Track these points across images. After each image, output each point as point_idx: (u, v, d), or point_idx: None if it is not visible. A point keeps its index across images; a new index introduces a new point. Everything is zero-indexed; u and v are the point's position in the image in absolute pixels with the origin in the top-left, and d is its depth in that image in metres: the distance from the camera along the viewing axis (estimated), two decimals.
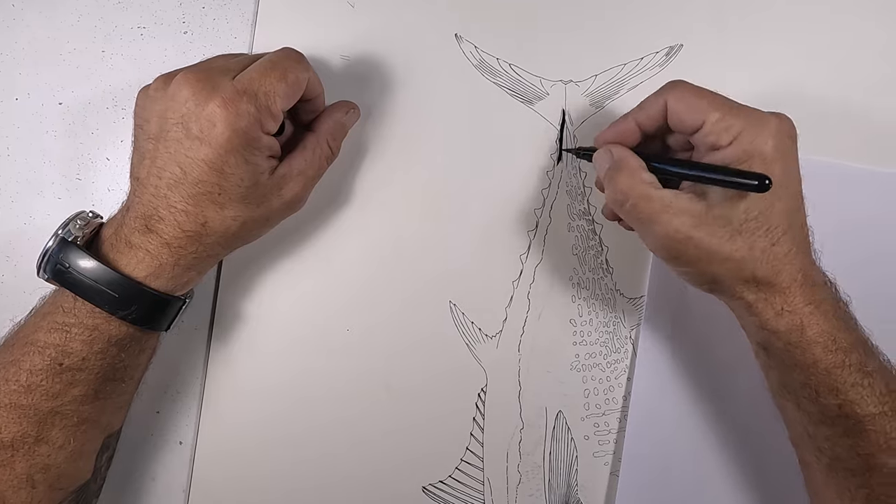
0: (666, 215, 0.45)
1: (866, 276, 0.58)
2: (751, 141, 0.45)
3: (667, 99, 0.48)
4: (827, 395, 0.46)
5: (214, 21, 0.58)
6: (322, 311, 0.57)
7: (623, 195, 0.47)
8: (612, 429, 0.59)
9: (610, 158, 0.49)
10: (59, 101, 0.57)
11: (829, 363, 0.46)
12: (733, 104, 0.46)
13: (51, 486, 0.45)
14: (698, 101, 0.46)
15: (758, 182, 0.42)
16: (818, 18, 0.59)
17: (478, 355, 0.58)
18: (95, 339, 0.45)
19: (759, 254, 0.45)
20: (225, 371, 0.57)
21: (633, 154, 0.49)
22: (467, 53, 0.58)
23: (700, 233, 0.45)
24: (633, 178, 0.47)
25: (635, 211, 0.46)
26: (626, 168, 0.48)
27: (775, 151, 0.45)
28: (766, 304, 0.46)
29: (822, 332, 0.46)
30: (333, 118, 0.53)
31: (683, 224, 0.45)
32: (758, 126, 0.45)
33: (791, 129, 0.47)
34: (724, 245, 0.45)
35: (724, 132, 0.45)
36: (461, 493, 0.58)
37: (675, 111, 0.47)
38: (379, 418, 0.57)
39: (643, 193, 0.46)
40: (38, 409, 0.44)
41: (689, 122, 0.47)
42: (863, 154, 0.59)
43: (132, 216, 0.46)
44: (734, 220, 0.45)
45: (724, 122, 0.45)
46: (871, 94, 0.59)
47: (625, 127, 0.50)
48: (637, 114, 0.49)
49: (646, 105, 0.49)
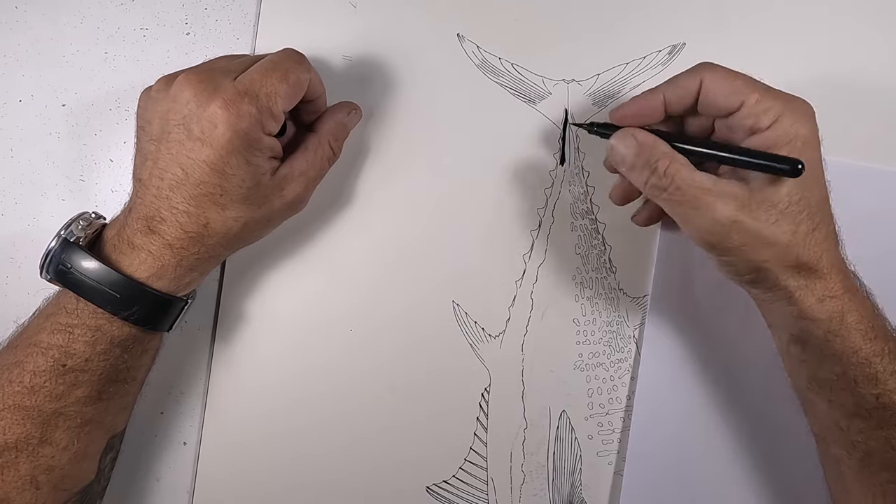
0: (710, 198, 0.44)
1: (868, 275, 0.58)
2: (791, 124, 0.44)
3: (703, 78, 0.46)
4: (865, 385, 0.45)
5: (217, 22, 0.58)
6: (325, 311, 0.57)
7: (667, 180, 0.45)
8: (615, 428, 0.58)
9: (634, 143, 0.46)
10: (63, 102, 0.57)
11: (869, 351, 0.45)
12: (768, 87, 0.45)
13: (55, 488, 0.45)
14: (735, 82, 0.45)
15: (790, 167, 0.42)
16: (818, 18, 0.59)
17: (481, 355, 0.58)
18: (98, 339, 0.45)
19: (801, 238, 0.44)
20: (228, 371, 0.57)
21: (659, 138, 0.46)
22: (469, 53, 0.58)
23: (745, 216, 0.44)
24: (674, 161, 0.45)
25: (679, 194, 0.45)
26: (662, 152, 0.45)
27: (812, 136, 0.45)
28: (807, 291, 0.45)
29: (861, 319, 0.45)
30: (335, 119, 0.53)
31: (728, 208, 0.44)
32: (796, 110, 0.44)
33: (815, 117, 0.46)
34: (770, 228, 0.44)
35: (764, 114, 0.44)
36: (465, 492, 0.58)
37: (712, 91, 0.46)
38: (382, 418, 0.57)
39: (686, 177, 0.44)
40: (41, 410, 0.44)
41: (726, 104, 0.46)
42: (864, 152, 0.59)
43: (134, 217, 0.46)
44: (779, 203, 0.44)
45: (763, 103, 0.44)
46: (872, 92, 0.59)
47: (651, 103, 0.48)
48: (667, 89, 0.48)
49: (678, 82, 0.47)
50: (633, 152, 0.46)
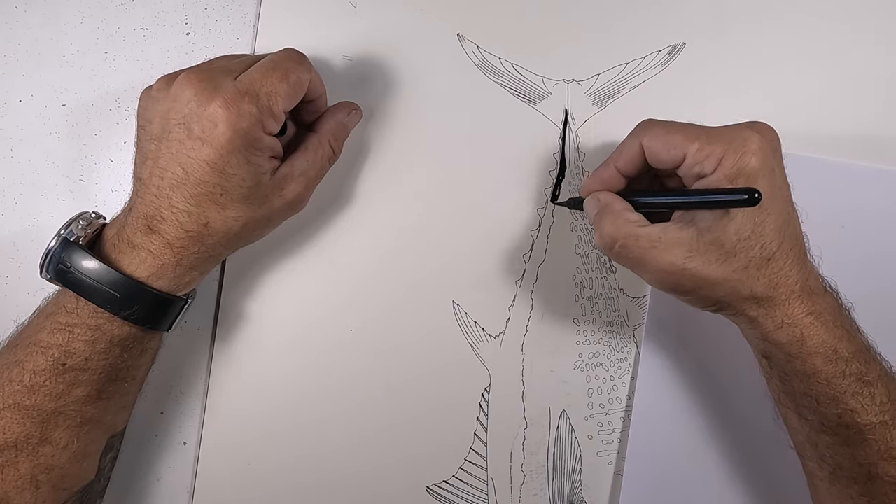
0: (655, 251, 0.45)
1: (870, 274, 0.58)
2: (734, 163, 0.44)
3: (641, 141, 0.48)
4: (827, 405, 0.46)
5: (217, 22, 0.58)
6: (325, 311, 0.57)
7: (611, 238, 0.47)
8: (615, 428, 0.58)
9: (597, 204, 0.49)
10: (63, 102, 0.57)
11: (830, 373, 0.45)
12: (709, 130, 0.46)
13: (54, 487, 0.45)
14: (673, 136, 0.46)
15: (747, 196, 0.42)
16: (818, 17, 0.59)
17: (481, 355, 0.58)
18: (98, 339, 0.45)
19: (754, 272, 0.45)
20: (228, 371, 0.57)
21: (618, 197, 0.49)
22: (469, 53, 0.58)
23: (694, 263, 0.45)
24: (617, 219, 0.47)
25: (625, 252, 0.46)
26: (610, 211, 0.48)
27: (760, 167, 0.44)
28: (766, 318, 0.46)
29: (821, 343, 0.46)
30: (335, 119, 0.53)
31: (676, 257, 0.45)
32: (739, 146, 0.45)
33: (773, 140, 0.47)
34: (719, 269, 0.45)
35: (707, 159, 0.45)
36: (465, 492, 0.58)
37: (653, 151, 0.47)
38: (382, 418, 0.57)
39: (630, 233, 0.46)
40: (41, 409, 0.44)
41: (670, 159, 0.47)
42: (865, 152, 0.59)
43: (134, 216, 0.46)
44: (726, 242, 0.44)
45: (703, 150, 0.45)
46: (873, 91, 0.59)
47: (606, 174, 0.51)
48: (616, 159, 0.50)
49: (622, 150, 0.49)
50: (594, 212, 0.50)
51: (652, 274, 0.46)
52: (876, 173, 0.58)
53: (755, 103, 0.59)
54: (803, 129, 0.59)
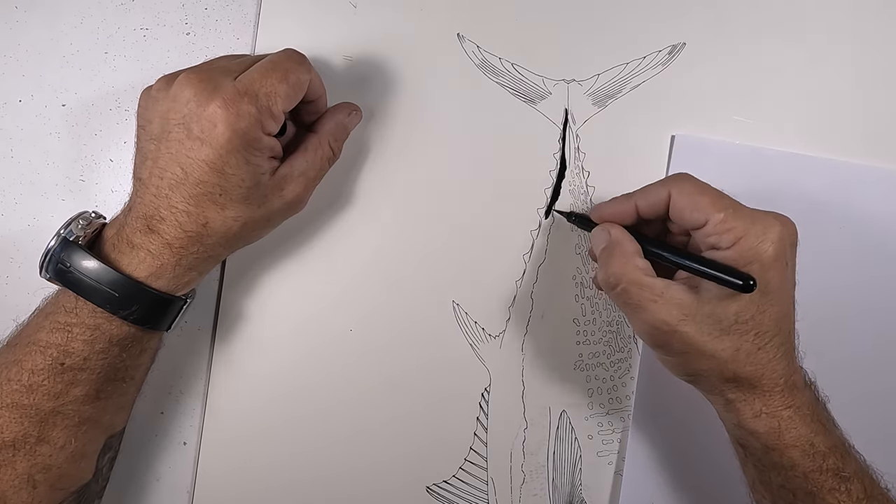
0: (655, 305, 0.45)
1: (870, 274, 0.58)
2: (752, 247, 0.44)
3: (671, 192, 0.47)
4: (805, 499, 0.46)
5: (217, 22, 0.58)
6: (325, 311, 0.57)
7: (615, 278, 0.47)
8: (616, 428, 0.58)
9: (607, 238, 0.49)
10: (63, 102, 0.57)
11: (807, 467, 0.46)
12: (737, 205, 0.46)
13: (52, 487, 0.45)
14: (701, 198, 0.46)
15: (742, 282, 0.42)
16: (818, 17, 0.59)
17: (481, 355, 0.58)
18: (97, 338, 0.45)
19: (744, 356, 0.45)
20: (228, 372, 0.57)
21: (630, 237, 0.49)
22: (469, 53, 0.58)
23: (688, 328, 0.45)
24: (626, 262, 0.47)
25: (625, 295, 0.46)
26: (620, 252, 0.48)
27: (775, 259, 0.45)
28: (744, 404, 0.47)
29: (799, 437, 0.46)
30: (335, 119, 0.53)
31: (672, 316, 0.45)
32: (761, 232, 0.45)
33: (793, 235, 0.47)
34: (711, 343, 0.45)
35: (726, 234, 0.45)
36: (465, 492, 0.58)
37: (679, 206, 0.47)
38: (382, 418, 0.57)
39: (635, 279, 0.46)
40: (39, 408, 0.44)
41: (691, 220, 0.46)
42: (867, 151, 0.59)
43: (134, 216, 0.46)
44: (724, 320, 0.44)
45: (726, 223, 0.45)
46: (874, 90, 0.59)
47: (624, 208, 0.50)
48: (639, 198, 0.49)
49: (649, 193, 0.49)
50: (601, 245, 0.50)
51: (644, 325, 0.46)
52: (876, 173, 0.58)
53: (755, 103, 0.59)
54: (803, 128, 0.59)
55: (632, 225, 0.50)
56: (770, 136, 0.58)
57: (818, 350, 0.53)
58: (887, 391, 0.58)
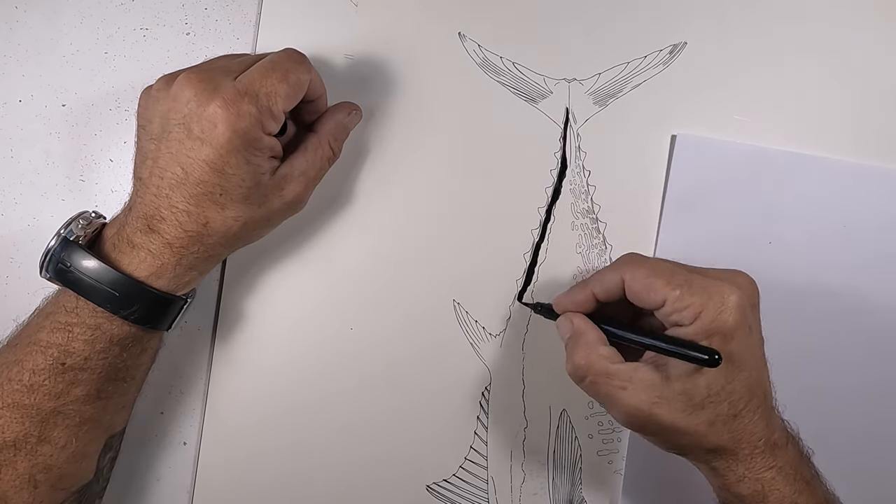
0: (625, 393, 0.45)
1: (870, 274, 0.58)
2: (712, 319, 0.45)
3: (623, 277, 0.48)
4: None
5: (217, 22, 0.58)
6: (325, 310, 0.57)
7: (582, 370, 0.47)
8: (615, 428, 0.58)
9: (570, 328, 0.50)
10: (63, 102, 0.57)
11: None
12: (691, 279, 0.46)
13: (53, 487, 0.45)
14: (654, 281, 0.46)
15: (708, 357, 0.42)
16: (819, 16, 0.59)
17: (481, 354, 0.58)
18: (97, 338, 0.45)
19: (720, 426, 0.45)
20: (228, 371, 0.57)
21: (592, 326, 0.49)
22: (470, 52, 0.58)
23: (660, 409, 0.45)
24: (590, 353, 0.47)
25: (594, 387, 0.47)
26: (584, 343, 0.48)
27: (736, 327, 0.45)
28: (727, 470, 0.47)
29: (783, 498, 0.46)
30: (335, 119, 0.53)
31: (643, 402, 0.45)
32: (719, 303, 0.45)
33: (752, 295, 0.47)
34: (686, 420, 0.45)
35: (686, 310, 0.45)
36: (465, 491, 0.58)
37: (634, 291, 0.47)
38: (382, 417, 0.57)
39: (601, 370, 0.46)
40: (40, 408, 0.44)
41: (648, 301, 0.47)
42: (866, 151, 0.59)
43: (134, 216, 0.46)
44: (695, 395, 0.45)
45: (683, 301, 0.45)
46: (874, 90, 0.59)
47: (582, 297, 0.50)
48: (595, 286, 0.50)
49: (603, 280, 0.49)
50: (567, 335, 0.50)
51: (619, 413, 0.46)
52: (876, 173, 0.58)
53: (756, 103, 0.59)
54: (804, 127, 0.59)
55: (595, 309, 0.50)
56: (770, 136, 0.58)
57: (818, 349, 0.53)
58: (887, 390, 0.58)
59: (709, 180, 0.58)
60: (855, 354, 0.58)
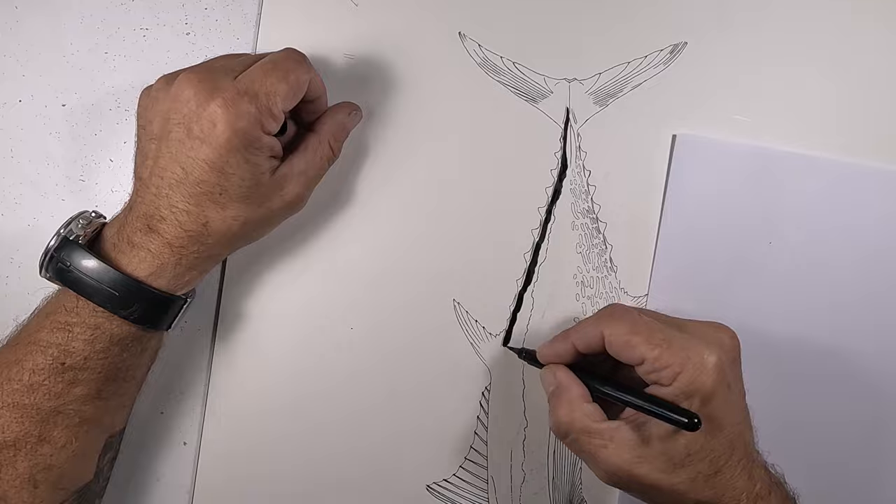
0: (606, 451, 0.46)
1: (870, 274, 0.58)
2: (691, 381, 0.45)
3: (603, 332, 0.48)
4: None
5: (217, 22, 0.58)
6: (325, 310, 0.57)
7: (565, 427, 0.47)
8: None
9: (553, 382, 0.50)
10: (63, 102, 0.57)
11: None
12: (671, 337, 0.46)
13: (53, 486, 0.45)
14: (633, 337, 0.46)
15: (687, 420, 0.43)
16: (820, 15, 0.59)
17: (482, 354, 0.58)
18: (97, 338, 0.45)
19: (701, 484, 0.45)
20: (228, 371, 0.57)
21: (576, 381, 0.49)
22: (471, 52, 0.58)
23: (641, 469, 0.45)
24: (573, 411, 0.47)
25: (576, 444, 0.47)
26: (567, 398, 0.48)
27: (714, 388, 0.45)
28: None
29: None
30: (335, 119, 0.53)
31: (624, 461, 0.45)
32: (698, 364, 0.45)
33: (732, 350, 0.47)
34: (667, 479, 0.45)
35: (665, 370, 0.45)
36: (465, 491, 0.58)
37: (613, 347, 0.47)
38: (382, 417, 0.57)
39: (583, 427, 0.47)
40: (40, 408, 0.44)
41: (627, 358, 0.47)
42: (868, 151, 0.58)
43: (134, 216, 0.46)
44: (675, 455, 0.45)
45: (661, 360, 0.45)
46: (875, 90, 0.59)
47: (563, 348, 0.50)
48: (575, 338, 0.50)
49: (584, 332, 0.49)
50: (549, 388, 0.50)
51: (600, 471, 0.47)
52: (876, 173, 0.58)
53: (756, 103, 0.58)
54: (804, 128, 0.59)
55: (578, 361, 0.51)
56: (770, 136, 0.58)
57: (817, 349, 0.53)
58: (886, 389, 0.58)
59: (709, 180, 0.57)
60: (856, 354, 0.58)
